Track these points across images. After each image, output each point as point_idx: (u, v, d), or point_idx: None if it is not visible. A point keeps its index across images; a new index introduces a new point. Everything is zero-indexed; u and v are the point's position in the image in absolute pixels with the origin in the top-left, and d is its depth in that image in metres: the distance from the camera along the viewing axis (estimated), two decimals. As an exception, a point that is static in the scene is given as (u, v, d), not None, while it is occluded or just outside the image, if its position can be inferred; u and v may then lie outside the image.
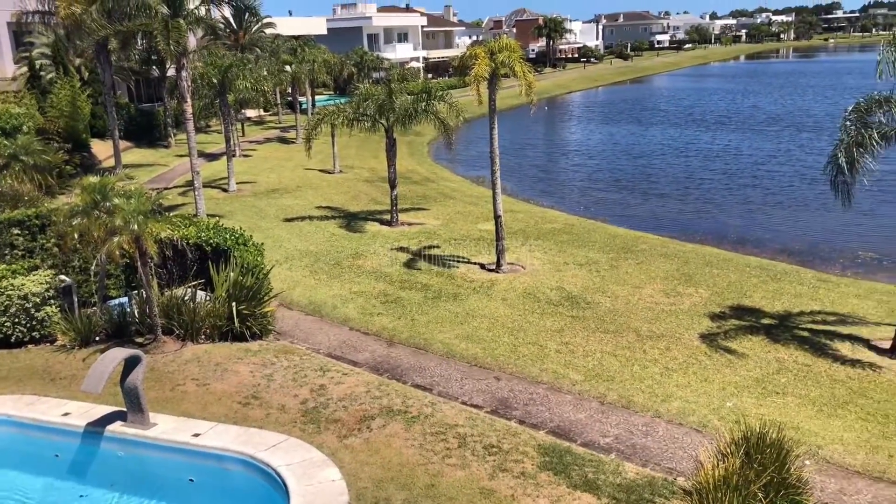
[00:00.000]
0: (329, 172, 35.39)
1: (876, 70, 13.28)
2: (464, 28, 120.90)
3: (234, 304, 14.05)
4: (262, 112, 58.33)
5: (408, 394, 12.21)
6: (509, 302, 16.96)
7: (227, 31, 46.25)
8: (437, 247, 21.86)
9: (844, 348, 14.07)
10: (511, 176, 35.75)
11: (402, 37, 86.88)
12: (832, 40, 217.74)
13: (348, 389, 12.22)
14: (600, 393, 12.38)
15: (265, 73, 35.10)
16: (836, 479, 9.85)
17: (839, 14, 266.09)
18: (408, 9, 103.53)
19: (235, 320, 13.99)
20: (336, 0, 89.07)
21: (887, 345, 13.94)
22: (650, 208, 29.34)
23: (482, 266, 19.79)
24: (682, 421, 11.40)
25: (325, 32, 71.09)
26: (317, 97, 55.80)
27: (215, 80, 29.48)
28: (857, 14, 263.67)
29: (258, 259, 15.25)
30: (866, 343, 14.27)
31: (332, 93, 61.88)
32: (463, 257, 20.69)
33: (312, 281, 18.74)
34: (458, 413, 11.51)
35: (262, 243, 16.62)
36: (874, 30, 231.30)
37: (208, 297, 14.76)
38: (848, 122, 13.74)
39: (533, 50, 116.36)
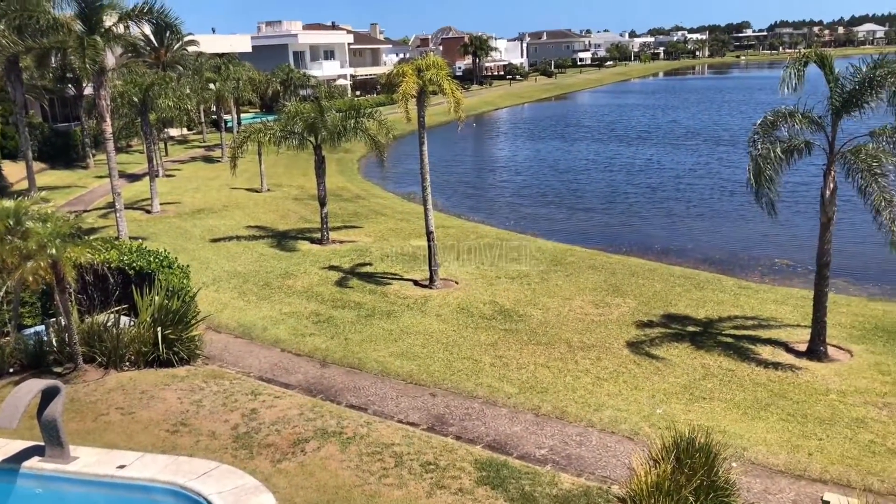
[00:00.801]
0: (256, 191, 34.80)
1: (779, 86, 13.95)
2: (391, 46, 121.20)
3: (159, 328, 13.60)
4: (185, 131, 57.00)
5: (343, 414, 12.04)
6: (443, 317, 16.99)
7: (149, 48, 45.05)
8: (370, 264, 21.74)
9: (765, 352, 14.64)
10: (442, 192, 35.95)
11: (329, 54, 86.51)
12: (743, 58, 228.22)
13: (281, 412, 11.97)
14: (535, 405, 12.51)
15: (188, 91, 34.37)
16: (761, 479, 10.21)
17: (749, 33, 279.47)
18: (334, 27, 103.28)
19: (161, 346, 13.53)
20: (261, 17, 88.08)
21: (804, 347, 14.60)
22: (577, 222, 29.96)
23: (415, 282, 19.77)
24: (614, 429, 11.62)
25: (249, 50, 70.18)
26: (242, 115, 54.88)
27: (136, 99, 28.68)
28: (766, 33, 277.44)
29: (184, 282, 14.83)
30: (785, 346, 14.90)
31: (258, 110, 60.99)
32: (396, 274, 20.63)
33: (241, 303, 18.33)
34: (395, 431, 11.42)
35: (188, 265, 16.19)
36: (781, 48, 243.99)
37: (132, 323, 14.24)
38: (756, 137, 14.37)
39: (459, 67, 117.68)
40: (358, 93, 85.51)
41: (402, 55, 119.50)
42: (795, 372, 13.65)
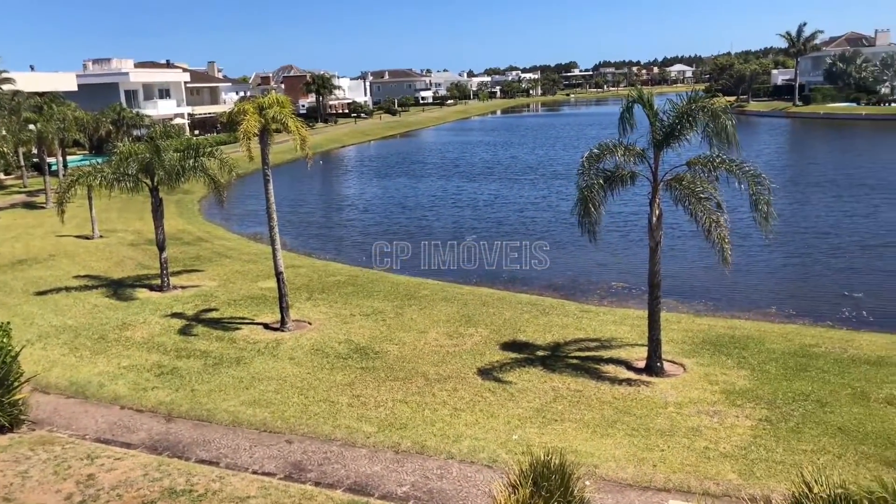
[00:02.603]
0: (88, 238, 32.41)
1: (619, 126, 15.03)
2: (230, 84, 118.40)
3: (-26, 394, 12.20)
4: (2, 175, 52.24)
5: (192, 471, 11.32)
6: (297, 360, 16.53)
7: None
8: (216, 309, 20.80)
9: (608, 371, 15.47)
10: (290, 231, 35.25)
11: (164, 93, 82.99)
12: (573, 96, 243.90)
13: (122, 475, 11.06)
14: (394, 442, 12.41)
15: (4, 132, 31.60)
16: (612, 493, 10.69)
17: (577, 72, 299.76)
18: (168, 64, 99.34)
19: (-23, 413, 12.13)
20: (87, 55, 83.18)
21: (642, 364, 15.57)
22: (428, 256, 30.39)
23: (266, 326, 19.13)
24: (473, 459, 11.75)
25: (75, 89, 65.84)
26: (69, 157, 51.20)
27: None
28: (591, 72, 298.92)
29: (4, 340, 13.43)
30: (626, 364, 15.82)
31: (87, 152, 57.14)
32: (245, 318, 19.87)
33: (73, 359, 16.88)
34: (250, 484, 10.88)
35: (9, 322, 14.69)
36: (605, 86, 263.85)
37: (-59, 391, 12.67)
38: (583, 169, 15.33)
39: (303, 105, 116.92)
40: (197, 132, 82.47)
41: (242, 93, 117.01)
42: (636, 388, 14.51)
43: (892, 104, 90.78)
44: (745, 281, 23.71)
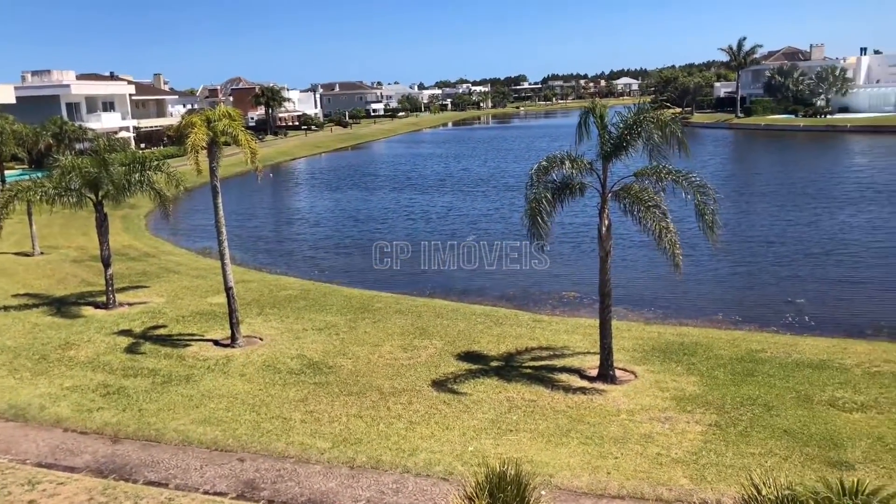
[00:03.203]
0: (27, 255, 31.38)
1: (576, 134, 15.27)
2: (177, 97, 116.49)
3: None
4: (-66, 191, 50.15)
5: (140, 493, 11.01)
6: (248, 377, 16.23)
7: None
8: (164, 326, 20.32)
9: (562, 380, 15.59)
10: (240, 245, 34.70)
11: (109, 106, 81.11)
12: (522, 108, 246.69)
13: (66, 500, 10.68)
14: (349, 457, 12.27)
15: (-63, 146, 30.41)
16: (567, 502, 10.75)
17: (526, 85, 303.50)
18: (112, 77, 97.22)
19: None
20: (26, 66, 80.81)
21: (595, 372, 15.75)
22: (382, 269, 30.28)
23: (216, 342, 18.76)
24: (429, 472, 11.70)
25: (13, 101, 63.75)
26: (7, 172, 49.47)
27: None
28: (540, 85, 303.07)
29: (-62, 363, 12.88)
30: (579, 373, 15.97)
31: (25, 167, 55.35)
32: (194, 335, 19.45)
33: (12, 381, 16.27)
34: (200, 505, 10.62)
35: (-57, 343, 14.11)
36: (554, 99, 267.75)
37: None
38: (532, 181, 15.49)
39: (252, 118, 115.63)
40: (143, 145, 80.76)
41: (189, 106, 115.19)
42: (590, 396, 14.66)
43: (827, 116, 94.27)
44: (693, 289, 24.24)
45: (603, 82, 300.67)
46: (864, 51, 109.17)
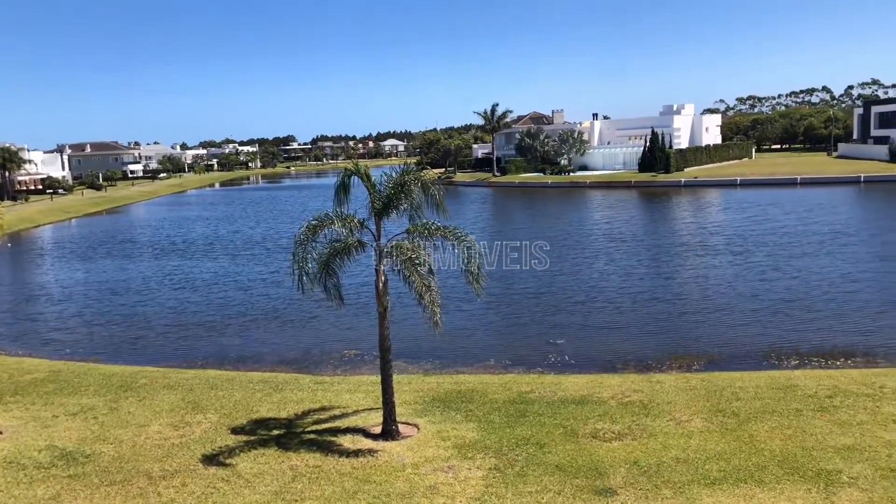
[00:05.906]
0: None
1: (335, 198, 15.40)
2: None
3: None
4: None
5: None
6: (-17, 478, 13.98)
7: None
8: None
9: (347, 441, 15.36)
10: (-30, 327, 30.16)
11: None
12: (293, 168, 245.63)
13: None
14: (114, 556, 10.95)
15: None
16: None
17: (296, 145, 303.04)
18: None
19: None
20: None
21: (379, 429, 15.74)
22: (146, 342, 28.00)
23: (-60, 442, 15.98)
24: (209, 559, 10.79)
25: None
26: None
27: None
28: (310, 145, 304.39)
29: None
30: (363, 432, 15.85)
31: None
32: None
33: None
34: None
35: None
36: (324, 159, 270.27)
37: None
38: (300, 240, 15.40)
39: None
40: None
41: None
42: (375, 455, 14.58)
43: (570, 174, 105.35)
44: (467, 338, 25.36)
45: (371, 143, 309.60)
46: (595, 116, 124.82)
